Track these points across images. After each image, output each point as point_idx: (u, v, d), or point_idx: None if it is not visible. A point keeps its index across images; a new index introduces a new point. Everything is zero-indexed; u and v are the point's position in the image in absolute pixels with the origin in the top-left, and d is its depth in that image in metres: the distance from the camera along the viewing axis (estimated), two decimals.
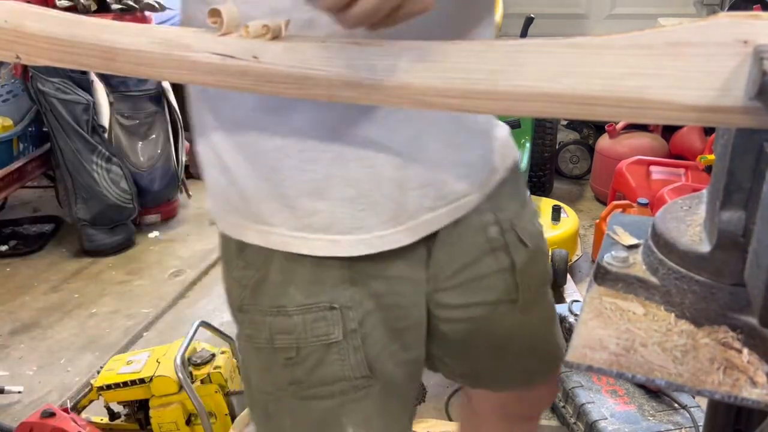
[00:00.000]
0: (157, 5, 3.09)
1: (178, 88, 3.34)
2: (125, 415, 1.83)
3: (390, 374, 0.85)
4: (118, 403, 1.80)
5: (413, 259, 0.82)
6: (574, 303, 1.95)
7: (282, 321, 0.80)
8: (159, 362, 1.74)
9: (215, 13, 0.58)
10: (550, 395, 1.15)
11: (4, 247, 3.21)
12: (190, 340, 1.76)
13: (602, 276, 0.63)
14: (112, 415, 1.84)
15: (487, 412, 1.13)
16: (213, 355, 1.80)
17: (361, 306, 0.80)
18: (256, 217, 0.78)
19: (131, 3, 3.06)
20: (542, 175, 3.39)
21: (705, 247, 0.56)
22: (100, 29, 0.64)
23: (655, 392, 1.64)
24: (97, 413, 1.88)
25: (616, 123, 3.44)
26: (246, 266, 0.81)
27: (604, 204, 3.27)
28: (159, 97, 3.23)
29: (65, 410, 1.66)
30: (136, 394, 1.74)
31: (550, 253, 2.45)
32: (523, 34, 3.13)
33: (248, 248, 0.80)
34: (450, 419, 2.02)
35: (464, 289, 0.87)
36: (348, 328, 0.80)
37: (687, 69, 0.45)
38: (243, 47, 0.57)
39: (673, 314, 0.58)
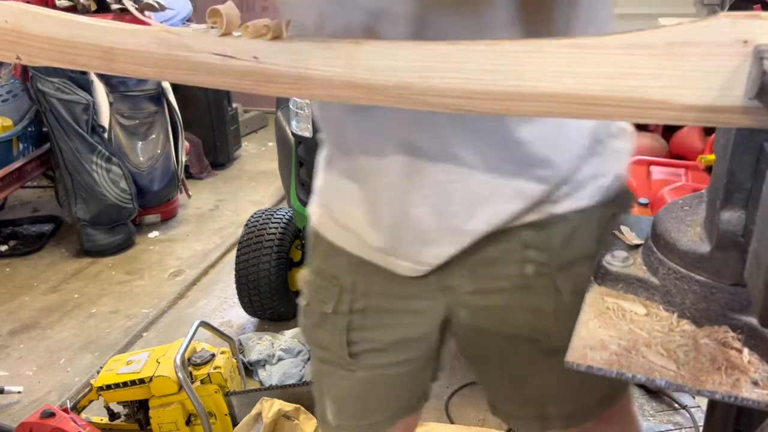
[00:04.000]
0: (157, 5, 3.08)
1: (178, 88, 3.34)
2: (125, 415, 1.83)
3: (378, 375, 0.89)
4: (118, 403, 1.80)
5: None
6: None
7: (307, 273, 0.93)
8: (159, 362, 1.74)
9: (215, 13, 0.58)
10: None
11: (3, 247, 3.21)
12: (190, 340, 1.76)
13: (602, 276, 0.63)
14: (112, 416, 1.84)
15: None
16: (213, 356, 1.80)
17: (364, 297, 0.85)
18: None
19: (131, 2, 3.06)
20: None
21: (705, 247, 0.56)
22: (100, 29, 0.64)
23: (655, 392, 1.64)
24: (96, 413, 1.89)
25: None
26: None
27: None
28: (159, 97, 3.23)
29: (65, 410, 1.66)
30: (135, 394, 1.74)
31: None
32: None
33: None
34: (450, 420, 2.02)
35: (482, 315, 0.84)
36: (339, 308, 0.86)
37: (687, 69, 0.45)
38: (243, 47, 0.57)
39: (675, 314, 0.58)
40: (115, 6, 3.04)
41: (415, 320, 0.86)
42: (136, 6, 3.06)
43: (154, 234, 3.37)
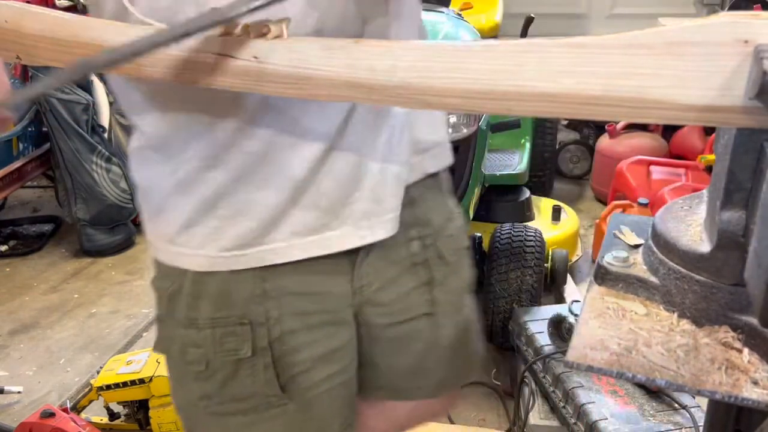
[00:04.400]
0: None
1: None
2: (125, 415, 1.83)
3: (311, 396, 0.83)
4: (118, 403, 1.80)
5: (335, 272, 0.81)
6: (574, 303, 1.94)
7: (192, 334, 0.79)
8: (159, 362, 1.74)
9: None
10: (446, 407, 1.10)
11: (3, 247, 3.21)
12: None
13: (603, 276, 0.63)
14: (112, 416, 1.84)
15: (378, 426, 1.02)
16: None
17: (279, 323, 0.79)
18: (165, 236, 0.79)
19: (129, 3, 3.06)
20: (542, 175, 3.39)
21: (705, 247, 0.56)
22: (100, 30, 0.64)
23: (655, 392, 1.64)
24: (96, 413, 1.88)
25: (617, 123, 3.45)
26: (162, 276, 0.81)
27: (605, 204, 3.27)
28: None
29: (65, 410, 1.66)
30: (135, 394, 1.74)
31: (550, 253, 2.44)
32: (523, 34, 3.13)
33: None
34: (450, 420, 2.02)
35: (391, 308, 0.86)
36: (258, 345, 0.79)
37: (687, 69, 0.45)
38: (243, 47, 0.57)
39: (675, 314, 0.58)
40: None
41: (335, 331, 0.84)
42: None
43: None
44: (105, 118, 3.08)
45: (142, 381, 1.70)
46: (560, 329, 1.83)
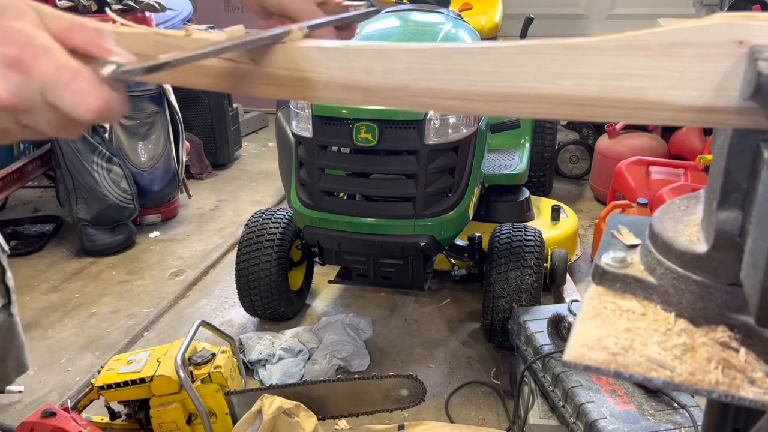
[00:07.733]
0: (157, 5, 3.09)
1: (178, 89, 3.35)
2: (126, 415, 1.84)
3: None
4: (119, 402, 1.80)
5: None
6: (574, 302, 1.95)
7: None
8: (159, 362, 1.74)
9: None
10: None
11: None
12: (191, 339, 1.76)
13: (600, 276, 0.63)
14: (113, 415, 1.85)
15: None
16: (213, 355, 1.80)
17: None
18: None
19: (131, 3, 3.06)
20: (542, 175, 3.40)
21: (702, 247, 0.56)
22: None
23: (654, 392, 1.64)
24: (97, 413, 1.89)
25: (615, 123, 3.45)
26: None
27: (604, 204, 3.27)
28: (159, 97, 3.24)
29: (66, 410, 1.67)
30: (136, 393, 1.74)
31: (549, 253, 2.45)
32: (523, 34, 3.13)
33: None
34: (450, 419, 2.02)
35: None
36: None
37: (683, 70, 0.46)
38: (242, 50, 0.57)
39: (672, 314, 0.58)
40: (115, 6, 3.04)
41: None
42: (137, 7, 3.06)
43: (154, 234, 3.38)
44: None
45: (142, 380, 1.71)
46: (559, 329, 1.83)
